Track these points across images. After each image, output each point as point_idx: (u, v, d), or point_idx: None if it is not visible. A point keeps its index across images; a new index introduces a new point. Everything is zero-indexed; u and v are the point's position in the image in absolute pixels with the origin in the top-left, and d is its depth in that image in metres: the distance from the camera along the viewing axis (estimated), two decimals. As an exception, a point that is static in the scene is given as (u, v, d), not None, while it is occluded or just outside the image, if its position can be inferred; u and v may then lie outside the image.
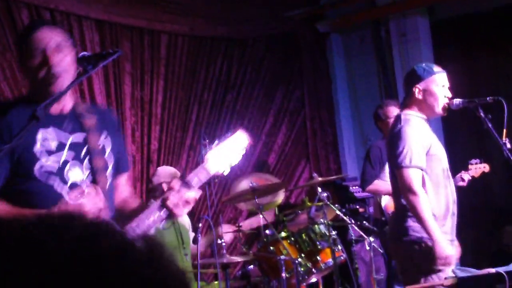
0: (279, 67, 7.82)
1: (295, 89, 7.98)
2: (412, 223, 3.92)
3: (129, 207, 2.89)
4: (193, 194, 2.65)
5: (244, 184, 5.47)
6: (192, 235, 5.23)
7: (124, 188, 2.98)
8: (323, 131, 8.04)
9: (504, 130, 3.78)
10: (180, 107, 6.64)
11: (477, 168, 5.84)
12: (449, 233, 3.96)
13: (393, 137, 4.03)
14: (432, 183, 3.95)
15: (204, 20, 6.92)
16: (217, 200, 6.42)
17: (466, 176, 5.76)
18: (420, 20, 7.74)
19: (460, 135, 7.54)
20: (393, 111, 5.61)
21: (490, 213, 7.61)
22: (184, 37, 6.75)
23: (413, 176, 3.86)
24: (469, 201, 7.11)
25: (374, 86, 8.14)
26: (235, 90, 7.28)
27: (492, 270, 3.46)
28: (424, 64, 4.18)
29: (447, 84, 4.06)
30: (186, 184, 2.67)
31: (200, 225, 4.90)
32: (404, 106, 4.17)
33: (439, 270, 3.82)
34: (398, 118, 4.09)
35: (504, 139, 3.75)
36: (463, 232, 4.35)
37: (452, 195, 4.02)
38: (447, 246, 3.79)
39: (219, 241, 4.97)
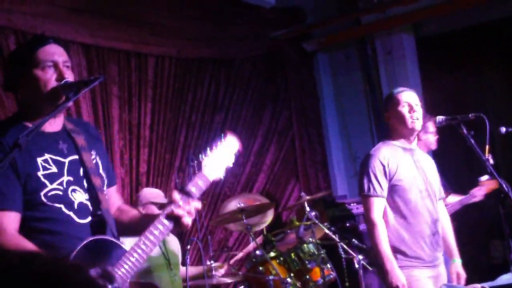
0: (266, 87, 7.84)
1: (282, 108, 8.00)
2: None
3: (127, 216, 2.93)
4: (196, 203, 2.68)
5: (233, 205, 5.48)
6: (181, 257, 5.23)
7: (117, 197, 3.02)
8: (312, 149, 8.05)
9: (487, 146, 3.81)
10: (168, 129, 6.64)
11: (489, 184, 5.72)
12: (429, 255, 3.98)
13: (361, 163, 4.14)
14: (397, 212, 3.98)
15: (191, 42, 6.93)
16: (207, 222, 6.41)
17: (479, 193, 5.72)
18: (406, 37, 7.81)
19: (449, 152, 7.57)
20: None
21: (483, 228, 7.61)
22: (171, 59, 6.75)
23: (371, 205, 3.93)
24: (464, 217, 7.13)
25: (362, 103, 8.17)
26: (223, 111, 7.29)
27: (478, 286, 3.49)
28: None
29: (414, 100, 4.10)
30: (187, 194, 2.69)
31: (189, 247, 4.90)
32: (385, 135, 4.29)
33: None
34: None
35: (487, 155, 3.79)
36: (460, 248, 4.37)
37: (431, 216, 4.04)
38: (400, 276, 3.82)
39: (208, 263, 4.97)
